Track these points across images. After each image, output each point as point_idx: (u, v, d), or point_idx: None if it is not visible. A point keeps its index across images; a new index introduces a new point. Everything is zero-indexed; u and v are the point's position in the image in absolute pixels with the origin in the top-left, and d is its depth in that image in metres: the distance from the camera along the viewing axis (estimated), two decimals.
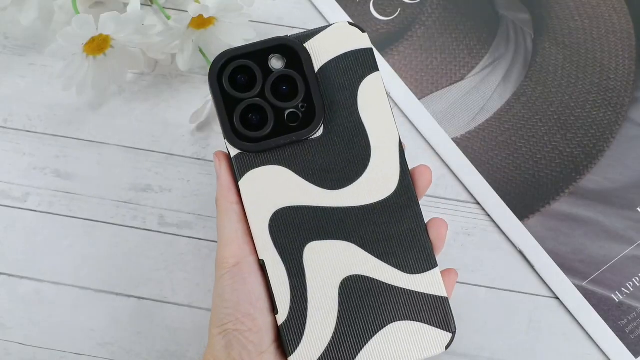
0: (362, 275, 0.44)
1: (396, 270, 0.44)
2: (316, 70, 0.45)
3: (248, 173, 0.44)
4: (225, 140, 0.44)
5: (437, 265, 0.44)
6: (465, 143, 0.60)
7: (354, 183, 0.44)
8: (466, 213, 0.59)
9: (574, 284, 0.57)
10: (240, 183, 0.44)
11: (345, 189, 0.44)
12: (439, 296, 0.44)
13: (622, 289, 0.57)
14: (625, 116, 0.60)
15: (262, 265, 0.43)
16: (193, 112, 0.60)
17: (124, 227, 0.59)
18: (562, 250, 0.58)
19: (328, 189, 0.44)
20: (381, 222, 0.44)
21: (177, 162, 0.60)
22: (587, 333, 0.56)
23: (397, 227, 0.44)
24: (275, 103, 0.44)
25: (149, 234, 0.59)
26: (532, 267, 0.58)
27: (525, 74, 0.61)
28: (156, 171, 0.60)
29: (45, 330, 0.57)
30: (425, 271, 0.44)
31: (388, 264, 0.44)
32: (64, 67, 0.56)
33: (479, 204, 0.59)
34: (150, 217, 0.59)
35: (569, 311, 0.57)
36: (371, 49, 0.46)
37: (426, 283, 0.44)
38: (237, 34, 0.60)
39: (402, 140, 0.45)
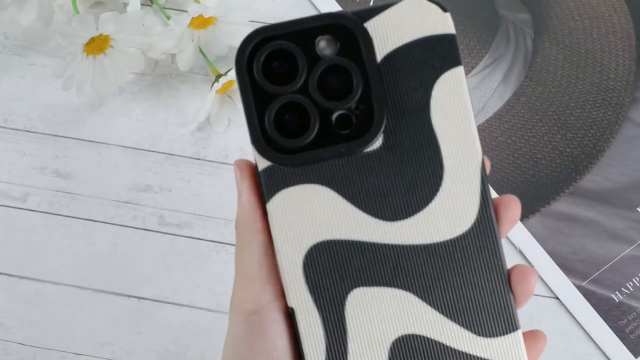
0: (421, 336, 0.34)
1: (466, 331, 0.35)
2: (379, 60, 0.35)
3: (280, 193, 0.34)
4: (253, 148, 0.34)
5: (519, 328, 0.35)
6: None
7: (419, 213, 0.35)
8: None
9: (574, 284, 0.57)
10: (268, 205, 0.34)
11: (406, 220, 0.35)
12: None
13: (622, 288, 0.57)
14: (625, 116, 0.61)
15: (290, 315, 0.34)
16: (193, 112, 0.60)
17: (123, 227, 0.59)
18: (562, 250, 0.58)
19: (384, 219, 0.34)
20: (451, 267, 0.35)
21: (177, 162, 0.60)
22: (587, 333, 0.57)
23: (470, 275, 0.35)
24: (322, 102, 0.34)
25: (148, 234, 0.59)
26: (532, 266, 0.58)
27: (525, 73, 0.62)
28: (156, 171, 0.60)
29: (45, 330, 0.57)
30: (504, 334, 0.35)
31: (456, 323, 0.35)
32: (64, 67, 0.56)
33: None
34: (150, 217, 0.59)
35: (569, 311, 0.57)
36: (454, 35, 0.35)
37: (503, 349, 0.35)
38: (237, 34, 0.60)
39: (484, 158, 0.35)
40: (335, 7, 0.63)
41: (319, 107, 0.34)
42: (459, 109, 0.35)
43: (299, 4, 0.64)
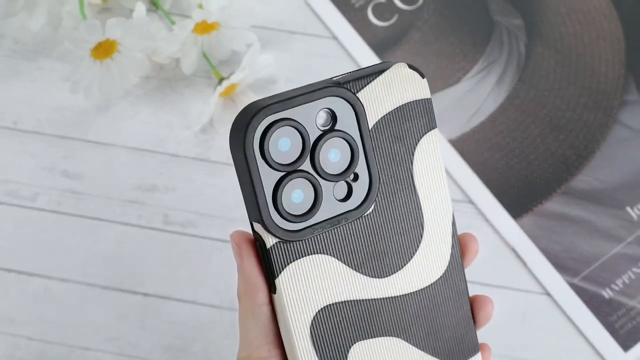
0: None
1: None
2: (369, 128, 0.35)
3: (289, 267, 0.34)
4: (259, 225, 0.33)
5: (479, 350, 0.40)
6: (460, 144, 0.61)
7: (404, 267, 0.37)
8: (461, 212, 0.60)
9: (566, 281, 0.58)
10: (278, 281, 0.34)
11: (395, 274, 0.36)
12: None
13: (612, 285, 0.58)
14: (615, 118, 0.61)
15: None
16: (197, 114, 0.61)
17: (129, 225, 0.60)
18: (554, 248, 0.58)
19: (377, 277, 0.36)
20: (429, 308, 0.37)
21: (181, 163, 0.61)
22: (578, 328, 0.57)
23: (445, 312, 0.38)
24: (326, 175, 0.34)
25: (154, 233, 0.59)
26: (524, 264, 0.59)
27: (519, 77, 0.62)
28: (161, 171, 0.61)
29: (53, 326, 0.58)
30: (470, 357, 0.39)
31: (435, 357, 0.38)
32: (72, 71, 0.56)
33: (473, 203, 0.60)
34: (155, 216, 0.60)
35: (560, 307, 0.58)
36: (430, 99, 0.37)
37: None
38: (240, 39, 0.60)
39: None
40: (335, 13, 0.64)
41: (325, 180, 0.34)
42: (435, 170, 0.37)
43: (299, 9, 0.65)
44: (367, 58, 0.63)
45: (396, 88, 0.35)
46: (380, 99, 0.35)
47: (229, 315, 0.58)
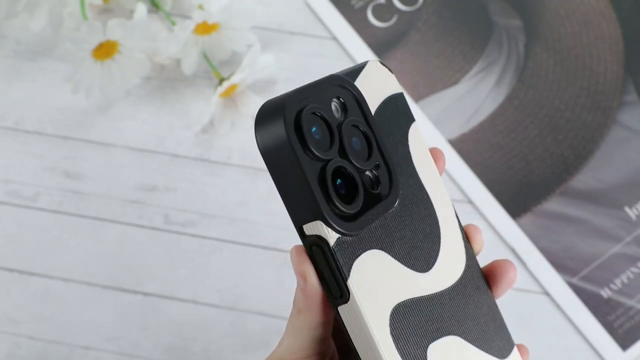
0: None
1: (495, 358, 0.36)
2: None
3: (355, 265, 0.31)
4: (319, 223, 0.30)
5: (514, 344, 0.38)
6: (459, 144, 0.61)
7: (438, 260, 0.35)
8: (460, 212, 0.58)
9: (565, 281, 0.58)
10: (350, 282, 0.31)
11: (433, 269, 0.34)
12: None
13: (611, 285, 0.58)
14: (614, 119, 0.61)
15: None
16: (197, 114, 0.61)
17: (130, 225, 0.60)
18: (553, 247, 0.59)
19: (420, 271, 0.34)
20: (466, 302, 0.35)
21: (181, 163, 0.61)
22: (577, 328, 0.58)
23: (478, 305, 0.36)
24: (358, 162, 0.32)
25: (154, 233, 0.60)
26: (524, 264, 0.59)
27: (518, 78, 0.63)
28: (162, 172, 0.61)
29: (54, 325, 0.58)
30: (510, 352, 0.37)
31: (489, 354, 0.36)
32: (73, 72, 0.57)
33: (472, 203, 0.60)
34: (156, 216, 0.60)
35: (559, 307, 0.58)
36: (403, 94, 0.36)
37: None
38: (240, 40, 0.61)
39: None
40: (335, 14, 0.64)
41: (357, 169, 0.32)
42: (427, 160, 0.36)
43: (299, 10, 0.65)
44: (367, 59, 0.63)
45: (376, 85, 0.35)
46: (368, 93, 0.34)
47: (229, 315, 0.58)
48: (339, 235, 0.30)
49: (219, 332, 0.58)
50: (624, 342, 0.57)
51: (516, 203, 0.60)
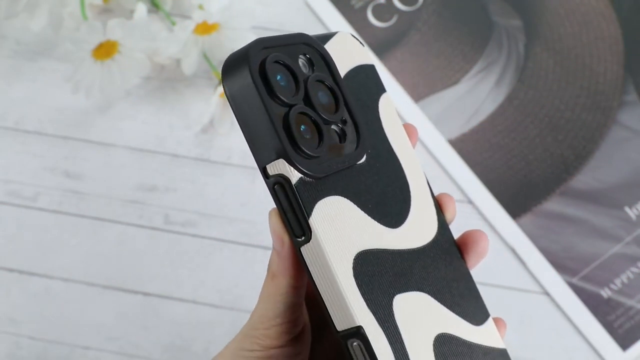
0: (446, 334, 0.34)
1: (467, 323, 0.36)
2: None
3: (318, 205, 0.31)
4: (281, 161, 0.31)
5: (489, 314, 0.38)
6: (459, 144, 0.61)
7: (407, 219, 0.35)
8: (460, 212, 0.59)
9: (565, 281, 0.58)
10: (312, 220, 0.31)
11: (402, 226, 0.34)
12: (500, 349, 0.37)
13: (611, 285, 0.58)
14: (614, 119, 0.62)
15: (356, 335, 0.31)
16: (197, 114, 0.61)
17: (130, 225, 0.60)
18: (553, 247, 0.59)
19: (389, 226, 0.34)
20: (439, 265, 0.35)
21: (182, 163, 0.61)
22: (577, 328, 0.58)
23: (451, 269, 0.36)
24: (324, 114, 0.33)
25: (154, 233, 0.60)
26: (524, 264, 0.59)
27: (518, 78, 0.63)
28: (162, 172, 0.61)
29: (54, 325, 0.58)
30: (485, 321, 0.37)
31: (460, 317, 0.35)
32: (73, 72, 0.57)
33: (472, 203, 0.60)
34: (156, 216, 0.60)
35: (559, 307, 0.58)
36: (374, 66, 0.37)
37: (488, 335, 0.37)
38: (240, 40, 0.61)
39: None
40: (335, 14, 0.65)
41: (323, 120, 0.33)
42: (399, 130, 0.36)
43: (299, 10, 0.65)
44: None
45: (346, 53, 0.35)
46: (338, 58, 0.35)
47: (229, 315, 0.58)
48: (302, 175, 0.31)
49: (219, 332, 0.58)
50: (624, 342, 0.57)
51: (516, 203, 0.60)
